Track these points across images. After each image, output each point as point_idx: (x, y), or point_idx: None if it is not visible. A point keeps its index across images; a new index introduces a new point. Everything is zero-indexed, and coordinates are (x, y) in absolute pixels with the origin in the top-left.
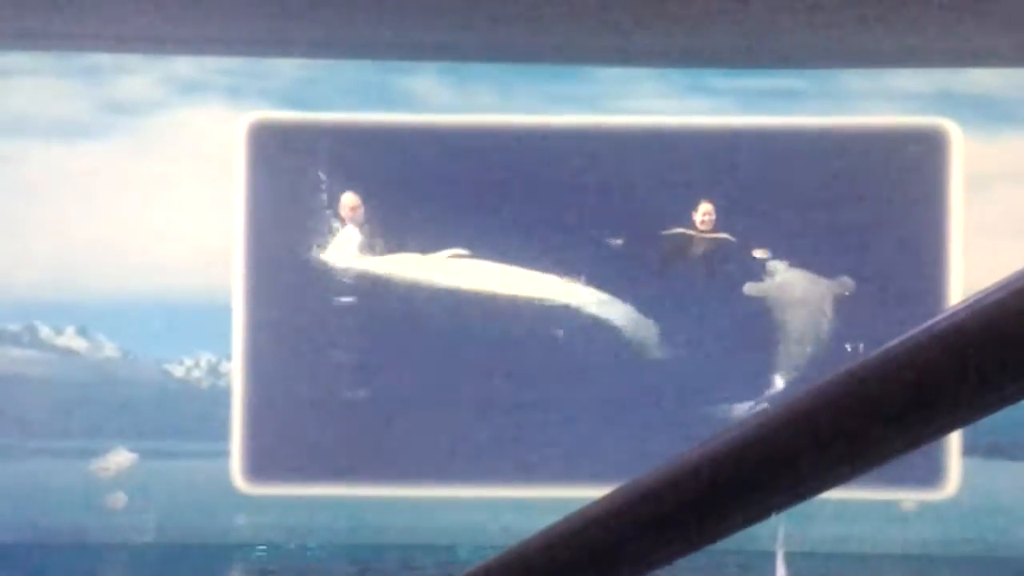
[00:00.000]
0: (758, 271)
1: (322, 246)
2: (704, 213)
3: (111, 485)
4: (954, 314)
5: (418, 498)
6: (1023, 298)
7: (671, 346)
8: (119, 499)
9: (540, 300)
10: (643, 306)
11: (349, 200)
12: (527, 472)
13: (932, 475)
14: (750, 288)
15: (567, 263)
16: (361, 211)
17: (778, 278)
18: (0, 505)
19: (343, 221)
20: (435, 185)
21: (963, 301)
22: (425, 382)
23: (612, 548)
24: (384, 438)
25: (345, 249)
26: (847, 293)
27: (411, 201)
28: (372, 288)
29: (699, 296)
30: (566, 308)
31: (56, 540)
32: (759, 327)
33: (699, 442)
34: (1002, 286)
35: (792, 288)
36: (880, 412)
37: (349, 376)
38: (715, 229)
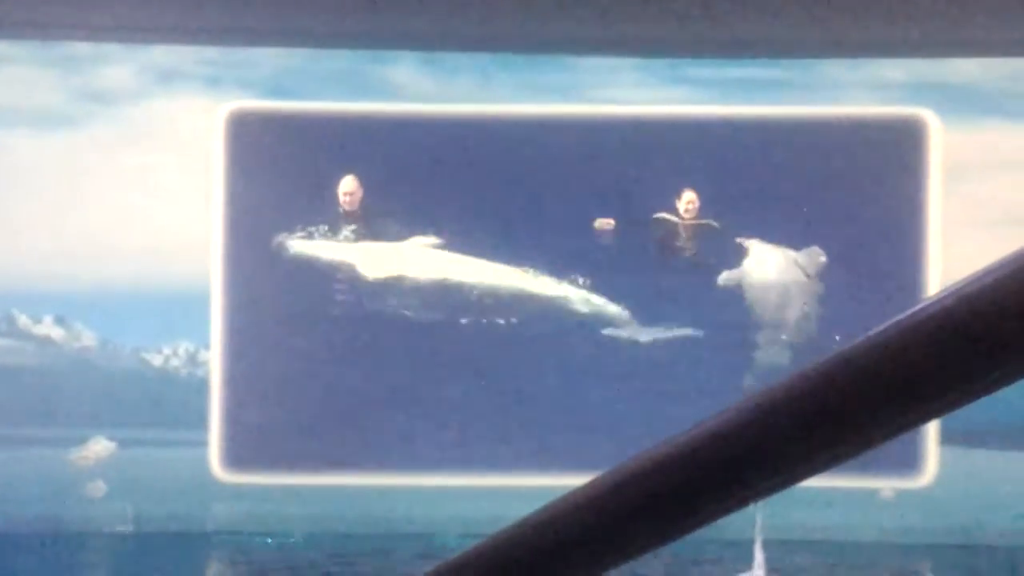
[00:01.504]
0: (739, 257)
1: (300, 235)
2: (688, 201)
3: (90, 474)
4: (931, 304)
5: (396, 487)
6: (1000, 288)
7: (653, 334)
8: (98, 488)
9: (521, 290)
10: (626, 294)
11: (347, 184)
12: (506, 461)
13: (910, 463)
14: (725, 278)
15: (547, 252)
16: (359, 196)
17: (753, 258)
18: None
19: (340, 206)
20: (414, 174)
21: (941, 291)
22: (405, 372)
23: (592, 536)
24: (363, 427)
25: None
26: (820, 263)
27: (390, 190)
28: (350, 277)
29: (681, 283)
30: (547, 297)
31: (35, 529)
32: (739, 314)
33: (678, 431)
34: (980, 276)
35: (767, 268)
36: (857, 402)
37: (328, 365)
38: (698, 217)
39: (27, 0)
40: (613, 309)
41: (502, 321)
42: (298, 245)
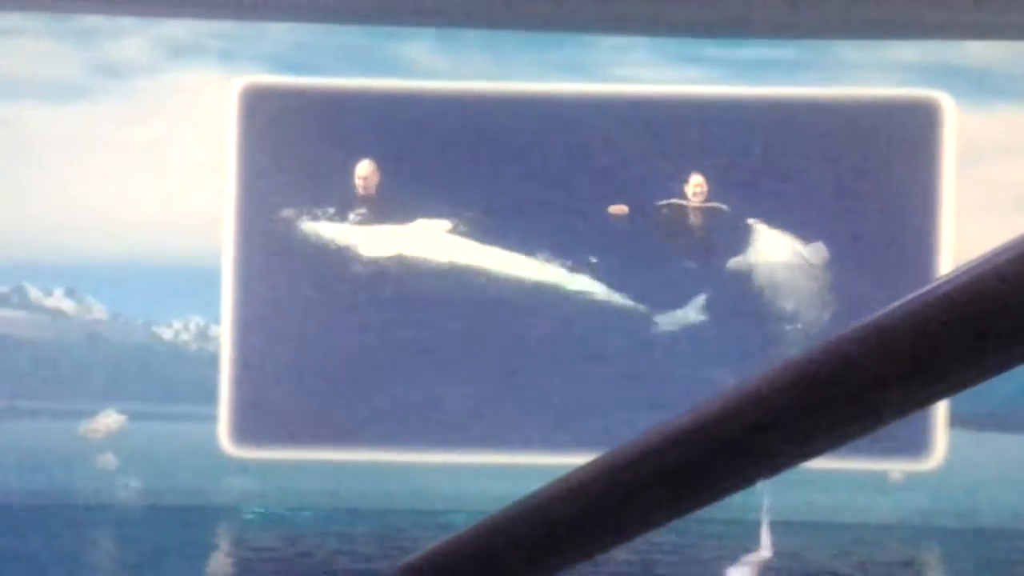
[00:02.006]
0: (749, 239)
1: (313, 211)
2: (695, 185)
3: (100, 447)
4: (942, 284)
5: (405, 463)
6: (1011, 268)
7: (661, 315)
8: (108, 460)
9: (530, 272)
10: (633, 275)
11: (363, 168)
12: (515, 439)
13: (918, 446)
14: (735, 262)
15: (558, 234)
16: (376, 179)
17: (762, 243)
18: None
19: (356, 189)
20: (426, 151)
21: (952, 271)
22: (415, 348)
23: (598, 513)
24: (372, 404)
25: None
26: (824, 258)
27: (401, 167)
28: (361, 254)
29: (688, 266)
30: (557, 280)
31: (45, 501)
32: (748, 294)
33: (685, 409)
34: (991, 256)
35: (776, 253)
36: (866, 381)
37: (337, 341)
38: (707, 200)
39: None
40: (622, 292)
41: (512, 302)
42: (310, 222)
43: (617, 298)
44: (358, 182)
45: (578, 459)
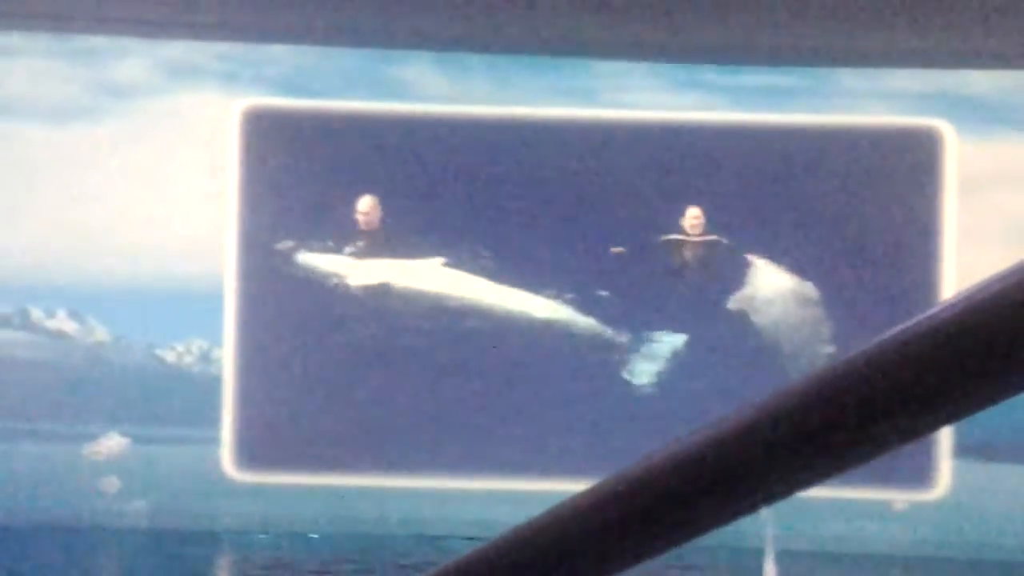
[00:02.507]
0: (748, 273)
1: (314, 236)
2: (692, 218)
3: (103, 469)
4: (941, 311)
5: (408, 489)
6: (1011, 294)
7: (654, 343)
8: (111, 483)
9: (525, 303)
10: (630, 305)
11: (364, 204)
12: (519, 465)
13: (922, 476)
14: (736, 300)
15: (555, 260)
16: (377, 215)
17: (760, 277)
18: None
19: (358, 224)
20: (424, 174)
21: (951, 298)
22: (419, 373)
23: (599, 539)
24: (375, 428)
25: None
26: (813, 299)
27: (398, 190)
28: (362, 283)
29: (687, 297)
30: (554, 308)
31: (48, 523)
32: (746, 325)
33: (686, 434)
34: (991, 282)
35: (774, 285)
36: (866, 408)
37: (340, 365)
38: (705, 231)
39: None
40: (621, 320)
41: (511, 331)
42: (311, 247)
43: (609, 330)
44: (360, 217)
45: (584, 485)
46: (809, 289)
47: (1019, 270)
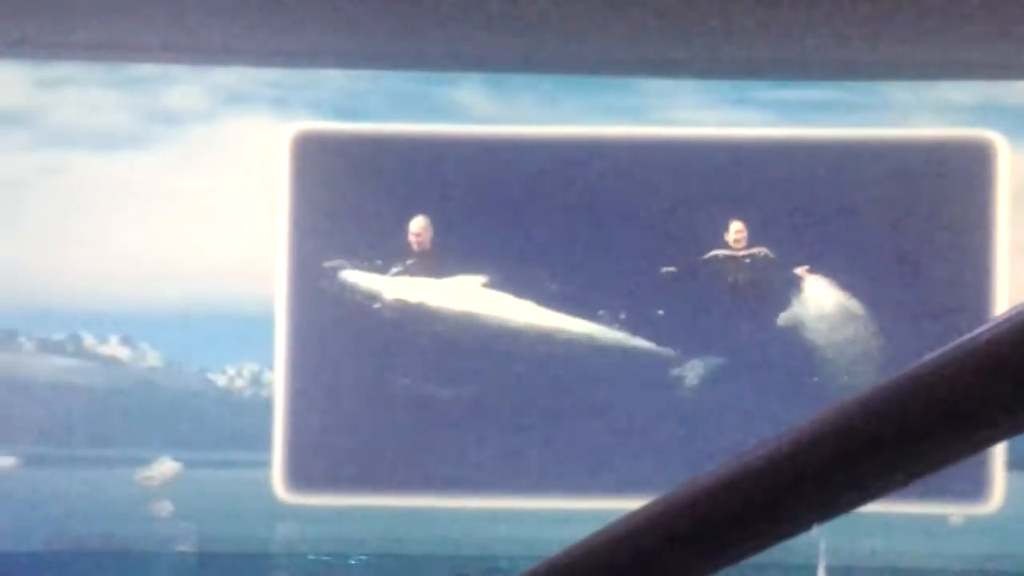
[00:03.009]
0: (794, 288)
1: (365, 259)
2: (736, 232)
3: (156, 494)
4: (996, 325)
5: (462, 509)
6: None
7: (703, 362)
8: (164, 508)
9: (579, 320)
10: (674, 323)
11: (416, 225)
12: (573, 485)
13: (975, 489)
14: (785, 317)
15: (601, 279)
16: (429, 235)
17: (809, 293)
18: (48, 513)
19: (411, 245)
20: (473, 195)
21: (1006, 311)
22: (471, 396)
23: (648, 560)
24: (428, 449)
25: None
26: (862, 313)
27: (450, 210)
28: (414, 301)
29: (730, 314)
30: (604, 328)
31: (103, 548)
32: (795, 341)
33: (738, 453)
34: None
35: (824, 301)
36: (919, 425)
37: (391, 387)
38: (751, 245)
39: (96, 22)
40: (666, 338)
41: (562, 352)
42: (362, 270)
43: (660, 350)
44: (412, 238)
45: (631, 505)
46: (857, 305)
47: None
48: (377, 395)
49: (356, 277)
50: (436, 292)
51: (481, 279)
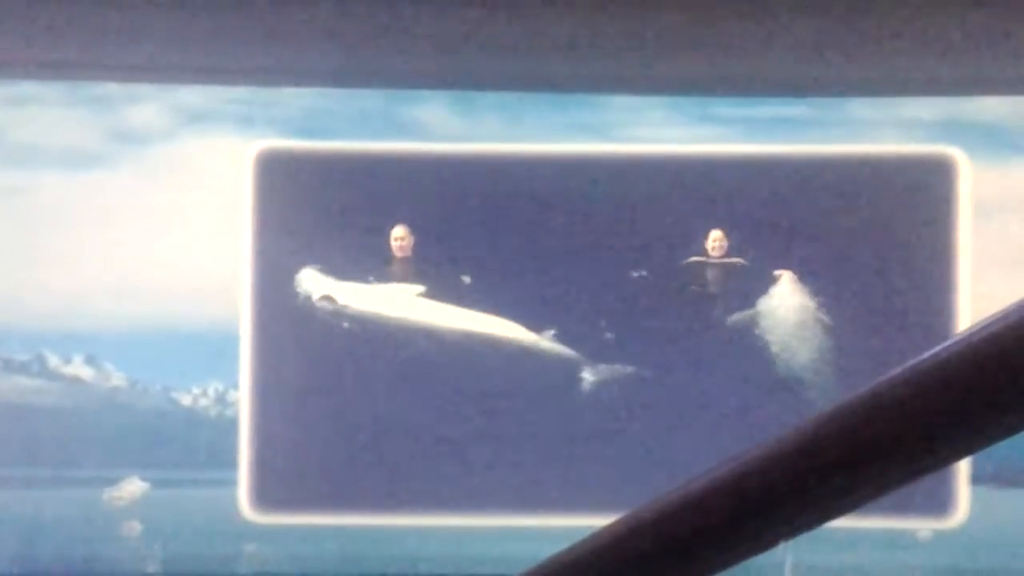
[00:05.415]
0: (761, 296)
1: (328, 274)
2: (715, 240)
3: (124, 515)
4: (957, 342)
5: (431, 527)
6: None
7: (677, 375)
8: (133, 528)
9: (545, 333)
10: (650, 336)
11: (397, 232)
12: (543, 501)
13: (940, 504)
14: (736, 318)
15: (572, 293)
16: (409, 242)
17: (776, 299)
18: (13, 536)
19: (391, 252)
20: (442, 214)
21: (967, 329)
22: (438, 412)
23: (617, 575)
24: (396, 467)
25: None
26: (826, 321)
27: (420, 229)
28: (380, 319)
29: (704, 325)
30: (572, 340)
31: (71, 571)
32: (760, 353)
33: (704, 470)
34: (1008, 311)
35: (789, 305)
36: (883, 441)
37: (358, 405)
38: (728, 254)
39: (59, 41)
40: (641, 350)
41: (535, 363)
42: (327, 288)
43: (630, 365)
44: (395, 243)
45: (602, 520)
46: (822, 320)
47: None
48: (343, 414)
49: (321, 295)
50: (403, 309)
51: (450, 297)
